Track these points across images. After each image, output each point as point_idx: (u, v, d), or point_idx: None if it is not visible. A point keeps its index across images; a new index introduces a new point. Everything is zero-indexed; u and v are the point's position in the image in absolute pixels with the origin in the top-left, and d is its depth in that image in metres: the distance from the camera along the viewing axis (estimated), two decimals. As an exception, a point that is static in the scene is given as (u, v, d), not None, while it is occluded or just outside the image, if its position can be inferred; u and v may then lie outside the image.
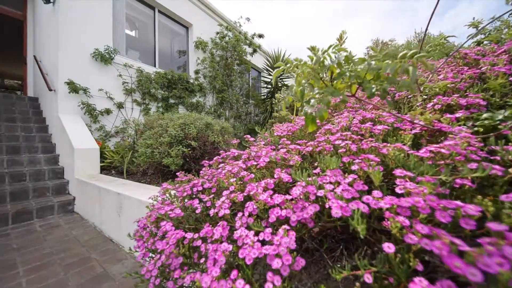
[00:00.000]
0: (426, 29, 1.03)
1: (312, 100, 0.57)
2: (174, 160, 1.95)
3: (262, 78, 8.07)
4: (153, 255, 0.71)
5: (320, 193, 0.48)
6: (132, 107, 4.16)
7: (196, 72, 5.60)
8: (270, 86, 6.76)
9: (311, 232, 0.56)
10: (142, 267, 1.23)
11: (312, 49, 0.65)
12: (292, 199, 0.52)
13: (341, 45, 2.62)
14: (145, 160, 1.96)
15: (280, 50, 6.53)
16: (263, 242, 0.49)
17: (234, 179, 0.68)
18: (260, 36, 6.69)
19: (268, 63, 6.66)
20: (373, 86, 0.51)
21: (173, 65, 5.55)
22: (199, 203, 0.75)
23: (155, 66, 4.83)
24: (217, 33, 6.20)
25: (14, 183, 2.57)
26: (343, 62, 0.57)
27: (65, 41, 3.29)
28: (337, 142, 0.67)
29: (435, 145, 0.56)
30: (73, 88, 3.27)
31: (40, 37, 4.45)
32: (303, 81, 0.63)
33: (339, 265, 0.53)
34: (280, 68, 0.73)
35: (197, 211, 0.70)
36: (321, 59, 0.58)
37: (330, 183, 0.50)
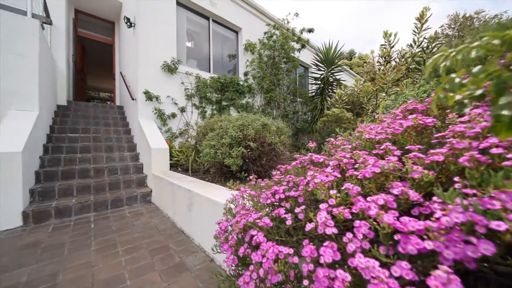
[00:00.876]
0: None
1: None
2: (235, 161, 2.02)
3: (311, 74, 7.69)
4: (242, 267, 0.70)
5: (496, 225, 0.34)
6: (192, 111, 4.61)
7: (245, 74, 5.77)
8: (319, 82, 6.36)
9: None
10: (212, 261, 1.24)
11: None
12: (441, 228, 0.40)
13: (422, 26, 2.18)
14: (209, 160, 2.10)
15: (331, 42, 6.05)
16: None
17: (335, 191, 0.60)
18: (310, 30, 6.37)
19: (318, 57, 6.28)
20: None
21: (224, 69, 5.87)
22: (286, 213, 0.70)
23: (210, 72, 5.22)
24: (265, 33, 6.23)
25: (111, 176, 3.21)
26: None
27: (143, 57, 3.90)
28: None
29: None
30: (149, 96, 3.85)
31: (124, 56, 5.45)
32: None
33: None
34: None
35: (287, 223, 0.65)
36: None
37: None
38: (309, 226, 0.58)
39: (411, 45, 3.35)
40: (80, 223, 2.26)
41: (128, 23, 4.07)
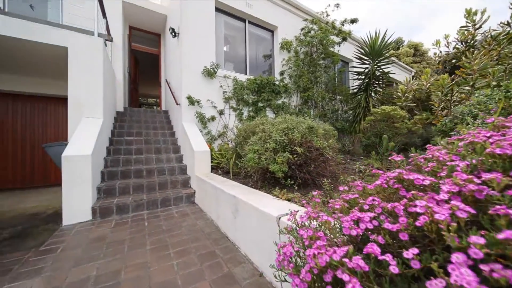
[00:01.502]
0: None
1: None
2: (280, 167, 1.89)
3: (352, 69, 7.05)
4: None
5: None
6: (229, 113, 4.69)
7: (281, 73, 5.61)
8: (363, 77, 5.75)
9: None
10: (261, 276, 1.07)
11: None
12: None
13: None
14: (253, 165, 2.02)
15: (378, 31, 5.39)
16: None
17: (480, 239, 0.41)
18: (353, 21, 5.83)
19: (361, 50, 5.68)
20: None
21: (259, 70, 5.80)
22: (382, 252, 0.54)
23: (246, 74, 5.23)
24: (302, 29, 5.95)
25: (159, 176, 3.47)
26: None
27: (185, 64, 4.12)
28: None
29: None
30: (191, 101, 4.04)
31: (168, 65, 5.91)
32: None
33: None
34: None
35: (391, 269, 0.49)
36: None
37: None
38: (437, 286, 0.41)
39: (508, 24, 2.65)
40: (136, 220, 2.46)
41: (173, 33, 4.36)
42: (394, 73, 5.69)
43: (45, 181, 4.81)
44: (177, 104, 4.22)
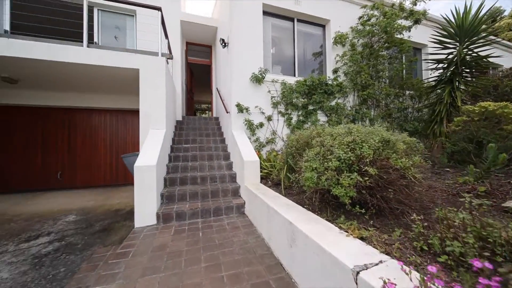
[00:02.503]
0: None
1: None
2: (346, 191, 1.55)
3: (429, 57, 5.73)
4: None
5: None
6: (278, 119, 4.50)
7: (335, 71, 5.03)
8: (446, 65, 4.53)
9: None
10: None
11: None
12: None
13: None
14: (311, 185, 1.75)
15: (470, 3, 4.12)
16: None
17: None
18: (430, -4, 4.68)
19: (443, 32, 4.49)
20: None
21: (309, 69, 5.36)
22: None
23: (295, 76, 4.93)
24: (360, 17, 5.19)
25: (212, 183, 3.60)
26: None
27: (235, 72, 4.17)
28: None
29: None
30: (240, 109, 4.06)
31: (219, 74, 6.20)
32: None
33: None
34: None
35: None
36: None
37: None
38: None
39: None
40: (191, 229, 2.57)
41: (223, 44, 4.50)
42: (497, 56, 4.25)
43: (125, 180, 5.80)
44: (227, 112, 4.33)
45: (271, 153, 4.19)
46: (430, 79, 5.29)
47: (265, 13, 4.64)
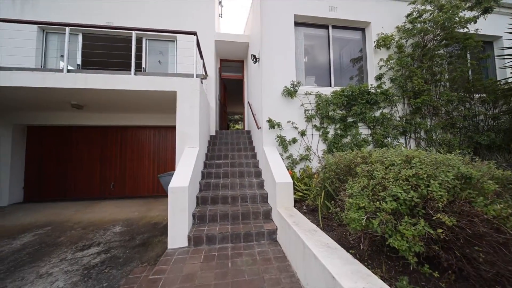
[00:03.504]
0: None
1: None
2: (410, 245, 1.19)
3: (503, 52, 4.64)
4: None
5: None
6: (312, 133, 4.17)
7: (378, 77, 4.45)
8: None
9: None
10: None
11: None
12: None
13: None
14: (358, 229, 1.43)
15: None
16: None
17: None
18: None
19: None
20: None
21: (346, 78, 4.89)
22: None
23: (330, 86, 4.56)
24: (408, 15, 4.54)
25: (242, 204, 3.47)
26: None
27: (266, 87, 4.07)
28: None
29: None
30: (271, 125, 3.90)
31: (251, 87, 6.23)
32: None
33: None
34: None
35: None
36: None
37: None
38: None
39: None
40: (221, 256, 2.45)
41: (254, 59, 4.49)
42: None
43: (164, 192, 6.20)
44: (258, 128, 4.22)
45: (305, 171, 3.87)
46: (510, 79, 4.23)
47: (297, 23, 4.47)
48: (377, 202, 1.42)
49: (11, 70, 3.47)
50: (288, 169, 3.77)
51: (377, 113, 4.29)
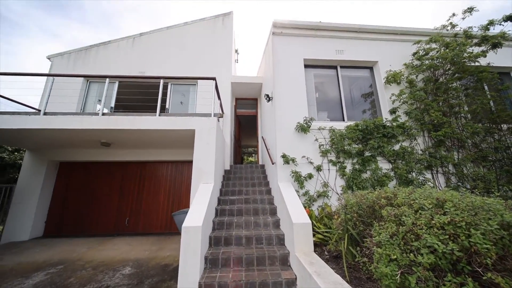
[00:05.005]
0: None
1: None
2: (462, 314, 0.98)
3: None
4: None
5: None
6: (329, 168, 4.04)
7: (393, 111, 4.45)
8: None
9: None
10: None
11: None
12: None
13: None
14: (392, 286, 1.23)
15: None
16: None
17: None
18: (510, 18, 3.95)
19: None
20: None
21: (358, 111, 4.94)
22: None
23: (344, 120, 4.60)
24: (414, 53, 4.75)
25: (257, 246, 3.23)
26: None
27: (279, 124, 4.20)
28: None
29: None
30: (286, 160, 3.89)
31: (264, 123, 6.48)
32: None
33: None
34: None
35: None
36: None
37: None
38: None
39: None
40: (234, 311, 2.18)
41: (267, 98, 4.78)
42: None
43: (177, 229, 6.04)
44: (273, 163, 4.21)
45: (323, 209, 3.63)
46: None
47: (306, 66, 4.84)
48: (411, 254, 1.25)
49: (56, 115, 4.00)
50: (305, 207, 3.57)
51: (396, 147, 4.14)
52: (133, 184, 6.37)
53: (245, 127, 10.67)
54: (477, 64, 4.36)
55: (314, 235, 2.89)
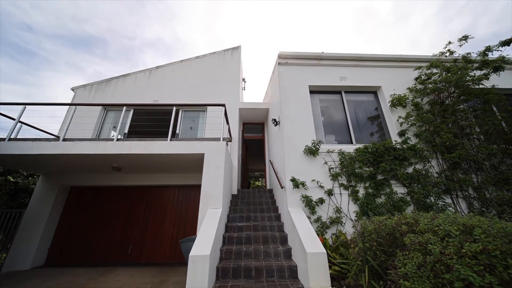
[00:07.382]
0: None
1: None
2: None
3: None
4: None
5: None
6: (340, 192, 3.91)
7: (402, 133, 4.43)
8: None
9: None
10: None
11: None
12: None
13: None
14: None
15: None
16: None
17: None
18: (506, 43, 4.11)
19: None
20: None
21: (366, 133, 4.94)
22: None
23: (352, 143, 4.58)
24: (416, 78, 4.91)
25: (268, 280, 2.98)
26: None
27: (287, 147, 4.23)
28: None
29: None
30: (295, 184, 3.81)
31: (271, 147, 6.52)
32: None
33: None
34: None
35: None
36: None
37: None
38: None
39: None
40: None
41: (274, 123, 4.90)
42: None
43: (181, 259, 5.71)
44: (282, 187, 4.13)
45: (338, 237, 3.40)
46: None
47: (312, 92, 5.04)
48: (443, 287, 1.13)
49: (73, 141, 4.21)
50: (318, 235, 3.37)
51: (409, 169, 4.01)
52: (139, 210, 6.27)
53: (252, 151, 10.73)
54: (481, 86, 4.42)
55: (330, 267, 2.66)
